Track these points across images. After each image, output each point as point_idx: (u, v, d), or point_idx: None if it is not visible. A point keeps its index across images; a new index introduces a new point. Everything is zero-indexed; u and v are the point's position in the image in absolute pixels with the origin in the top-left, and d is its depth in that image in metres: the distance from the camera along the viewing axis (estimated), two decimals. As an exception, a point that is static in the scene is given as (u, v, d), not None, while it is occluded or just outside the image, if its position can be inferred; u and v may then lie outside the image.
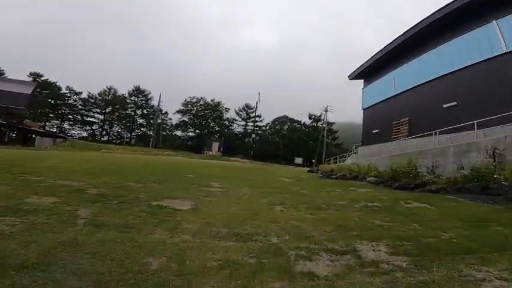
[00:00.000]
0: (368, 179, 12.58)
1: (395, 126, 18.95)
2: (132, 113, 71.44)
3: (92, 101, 70.06)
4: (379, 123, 21.41)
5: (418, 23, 17.25)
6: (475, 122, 10.63)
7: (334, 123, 65.57)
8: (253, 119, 67.57)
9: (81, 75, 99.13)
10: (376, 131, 21.48)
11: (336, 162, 26.58)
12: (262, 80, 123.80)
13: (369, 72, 24.15)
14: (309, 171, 23.30)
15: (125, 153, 33.15)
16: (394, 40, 19.85)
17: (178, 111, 68.30)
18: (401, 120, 18.50)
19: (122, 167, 12.21)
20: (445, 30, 15.57)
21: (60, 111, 69.67)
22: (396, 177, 10.91)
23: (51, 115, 69.99)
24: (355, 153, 24.33)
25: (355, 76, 26.45)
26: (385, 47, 21.11)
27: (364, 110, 24.68)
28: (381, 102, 21.84)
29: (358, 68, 25.51)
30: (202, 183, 8.33)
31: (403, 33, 18.72)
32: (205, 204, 5.24)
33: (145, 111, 72.25)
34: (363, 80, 26.32)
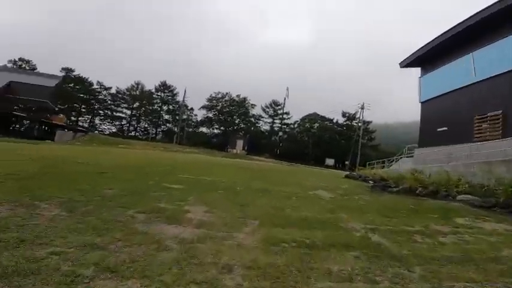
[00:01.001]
0: (460, 197, 7.85)
1: (478, 123, 13.65)
2: (158, 109, 70.29)
3: (120, 96, 69.95)
4: (448, 119, 16.07)
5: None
6: None
7: (370, 122, 58.77)
8: (281, 116, 62.89)
9: (110, 71, 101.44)
10: (443, 129, 16.16)
11: (382, 167, 21.48)
12: (292, 80, 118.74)
13: (429, 57, 18.71)
14: (347, 176, 18.57)
15: (142, 150, 30.68)
16: (472, 16, 14.39)
17: (203, 107, 65.79)
18: (489, 114, 13.17)
19: (95, 166, 8.67)
20: None
21: (91, 107, 70.42)
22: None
23: (83, 110, 71.03)
24: (410, 156, 19.07)
25: (408, 63, 20.97)
26: (455, 26, 15.70)
27: (423, 103, 19.29)
28: (450, 92, 16.45)
29: (413, 54, 20.05)
30: (172, 208, 4.34)
31: (492, 5, 13.24)
32: None
33: (171, 106, 70.83)
34: (420, 69, 20.82)
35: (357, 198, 8.06)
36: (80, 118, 70.76)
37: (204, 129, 70.07)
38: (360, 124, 55.24)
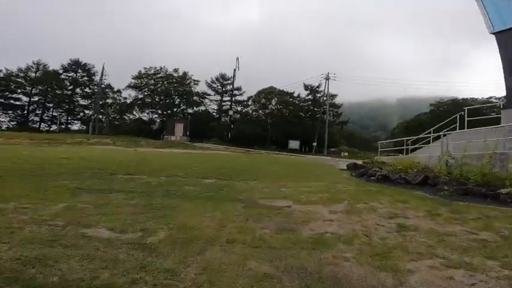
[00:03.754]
0: None
1: None
2: (70, 93, 53.45)
3: (13, 79, 51.33)
4: None
5: None
6: None
7: (336, 95, 50.19)
8: (231, 92, 51.46)
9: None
10: None
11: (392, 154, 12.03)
12: (246, 58, 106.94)
13: None
14: (355, 174, 8.75)
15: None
16: None
17: (130, 87, 51.05)
18: None
19: None
20: None
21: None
22: None
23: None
24: (493, 126, 9.74)
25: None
26: None
27: (500, 33, 10.04)
28: None
29: None
30: None
31: None
32: None
33: (88, 89, 54.52)
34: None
35: None
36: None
37: (137, 115, 55.55)
38: (325, 98, 46.74)
